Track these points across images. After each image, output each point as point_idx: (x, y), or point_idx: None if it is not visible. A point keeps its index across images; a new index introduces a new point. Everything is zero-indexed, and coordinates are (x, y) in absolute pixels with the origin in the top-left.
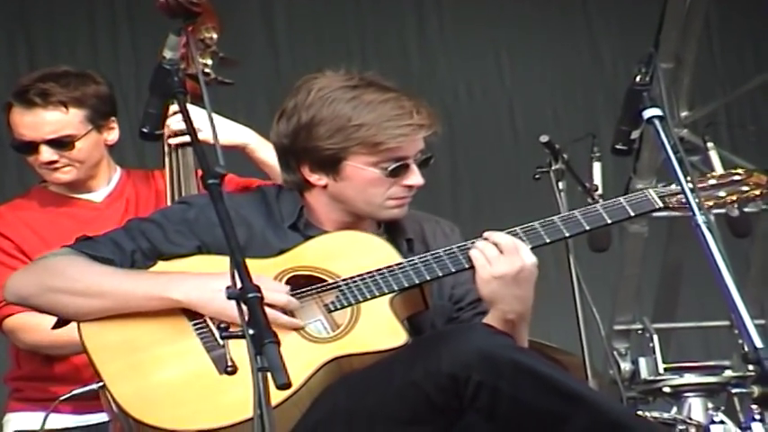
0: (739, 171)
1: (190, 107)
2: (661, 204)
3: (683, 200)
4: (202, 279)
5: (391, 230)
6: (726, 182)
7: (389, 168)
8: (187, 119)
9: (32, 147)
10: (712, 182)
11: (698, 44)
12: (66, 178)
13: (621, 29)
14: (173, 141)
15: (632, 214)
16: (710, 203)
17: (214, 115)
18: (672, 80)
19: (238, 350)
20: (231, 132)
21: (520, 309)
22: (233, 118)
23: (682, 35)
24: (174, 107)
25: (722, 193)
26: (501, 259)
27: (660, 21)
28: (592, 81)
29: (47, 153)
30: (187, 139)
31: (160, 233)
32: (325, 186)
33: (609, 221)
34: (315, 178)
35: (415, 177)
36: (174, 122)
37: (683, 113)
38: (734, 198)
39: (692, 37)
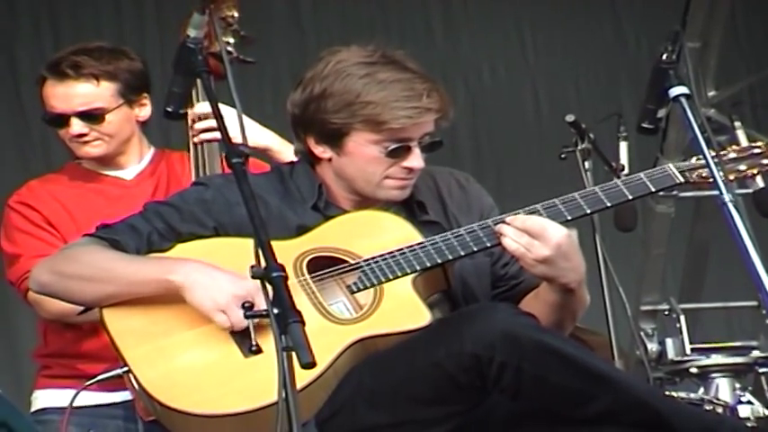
0: (759, 144)
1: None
2: (682, 179)
3: (704, 174)
4: (204, 268)
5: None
6: (746, 155)
7: (389, 148)
8: (212, 99)
9: (63, 119)
10: (732, 155)
11: (724, 23)
12: (96, 152)
13: (645, 7)
14: (198, 126)
15: (653, 189)
16: (731, 177)
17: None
18: (698, 60)
19: (263, 333)
20: (254, 135)
21: (576, 277)
22: (259, 95)
23: (708, 15)
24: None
25: (743, 167)
26: (535, 244)
27: (687, 1)
28: (615, 60)
29: (77, 126)
30: (211, 123)
31: (176, 214)
32: (329, 160)
33: (630, 197)
34: (319, 150)
35: (415, 160)
36: (199, 107)
37: (710, 93)
38: (754, 171)
39: (719, 16)
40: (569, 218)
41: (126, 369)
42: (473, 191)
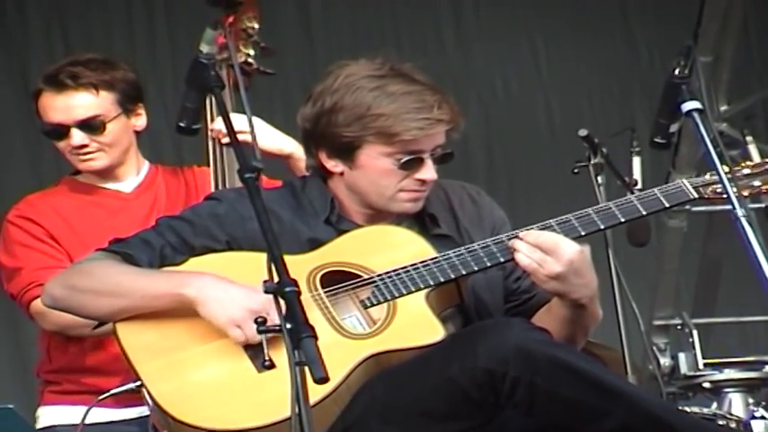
0: None
1: (233, 116)
2: (696, 195)
3: (719, 190)
4: (217, 282)
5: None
6: (760, 171)
7: (402, 160)
8: (225, 114)
9: (63, 131)
10: (746, 171)
11: (737, 38)
12: (98, 165)
13: (658, 21)
14: (225, 141)
15: (667, 205)
16: (745, 193)
17: (262, 121)
18: (710, 74)
19: (276, 348)
20: (278, 141)
21: (588, 293)
22: (269, 108)
23: (721, 29)
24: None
25: (757, 183)
26: (548, 260)
27: (699, 15)
28: (628, 73)
29: (78, 137)
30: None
31: (189, 228)
32: (341, 174)
33: (644, 213)
34: (331, 165)
35: (428, 171)
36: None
37: (722, 107)
38: None
39: (731, 31)
40: (583, 233)
41: (139, 383)
42: (485, 205)
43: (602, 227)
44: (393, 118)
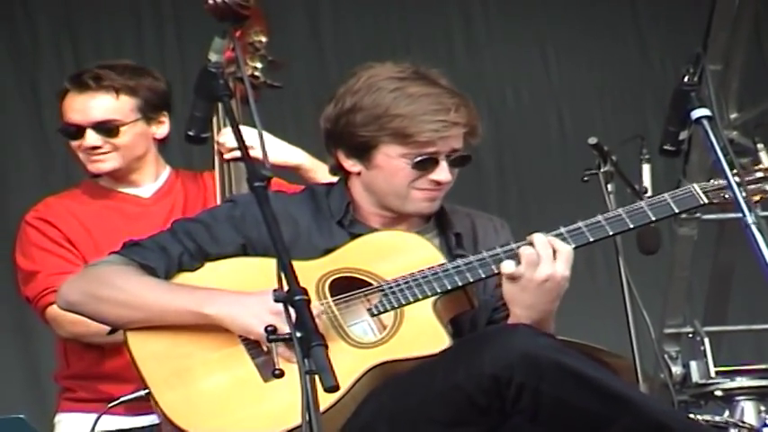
0: (763, 167)
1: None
2: (706, 200)
3: (729, 195)
4: (235, 296)
5: (441, 224)
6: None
7: (416, 160)
8: (233, 122)
9: (79, 131)
10: (759, 175)
11: (747, 46)
12: (107, 167)
13: (670, 29)
14: (228, 156)
15: (677, 210)
16: (756, 198)
17: (268, 134)
18: (720, 82)
19: (282, 356)
20: (286, 153)
21: (533, 316)
22: (280, 121)
23: (730, 37)
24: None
25: None
26: (549, 261)
27: (708, 23)
28: (640, 82)
29: (91, 138)
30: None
31: (206, 233)
32: (359, 174)
33: (653, 218)
34: (349, 164)
35: (442, 173)
36: (229, 140)
37: (733, 115)
38: (756, 199)
39: (741, 38)
40: (592, 239)
41: (147, 392)
42: (504, 236)
43: (611, 233)
44: (409, 119)
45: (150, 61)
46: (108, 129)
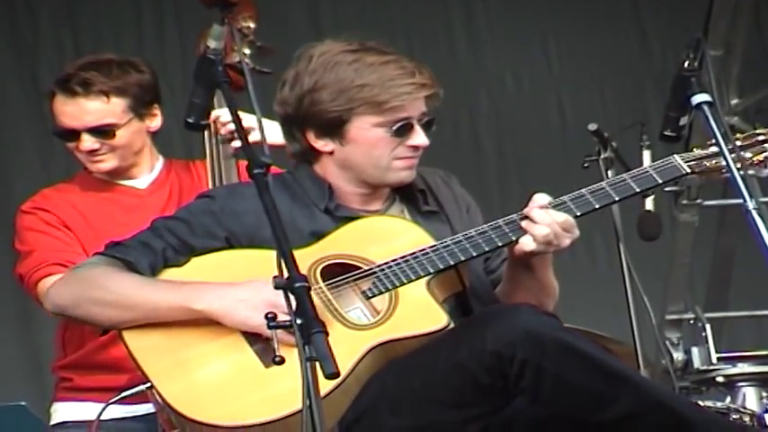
0: (764, 131)
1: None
2: (688, 170)
3: (712, 164)
4: (225, 289)
5: (402, 189)
6: (750, 142)
7: (394, 128)
8: (233, 110)
9: (74, 134)
10: (760, 138)
11: (747, 32)
12: (107, 167)
13: (670, 15)
14: (224, 131)
15: (660, 181)
16: (760, 158)
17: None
18: (721, 68)
19: (282, 343)
20: (277, 133)
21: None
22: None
23: (731, 23)
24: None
25: (748, 154)
26: (562, 234)
27: (709, 8)
28: (640, 69)
29: (88, 141)
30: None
31: (186, 228)
32: (331, 153)
33: (638, 190)
34: (321, 144)
35: (419, 137)
36: (224, 115)
37: (733, 101)
38: (760, 158)
39: (742, 24)
40: (579, 214)
41: (149, 385)
42: (456, 187)
43: (596, 206)
44: (379, 87)
45: (151, 52)
46: (103, 132)
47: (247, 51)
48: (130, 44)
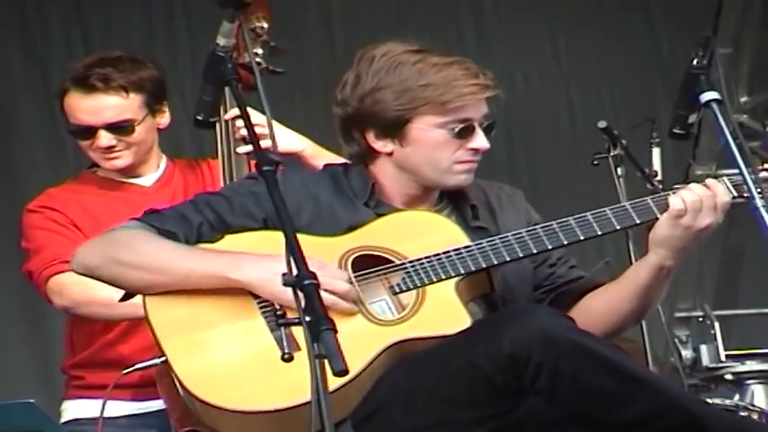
0: None
1: (251, 111)
2: (735, 194)
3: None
4: (264, 261)
5: (454, 199)
6: None
7: (456, 129)
8: (242, 107)
9: (90, 131)
10: (762, 174)
11: (757, 30)
12: (122, 164)
13: (679, 13)
14: (241, 150)
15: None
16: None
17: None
18: (730, 65)
19: (300, 333)
20: (287, 139)
21: (680, 260)
22: (290, 104)
23: (740, 21)
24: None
25: None
26: (707, 208)
27: (718, 6)
28: (650, 66)
29: (105, 138)
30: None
31: (227, 205)
32: (390, 153)
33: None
34: (380, 145)
35: (480, 140)
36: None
37: (743, 99)
38: None
39: (752, 22)
40: (600, 233)
41: (163, 359)
42: (521, 202)
43: (618, 227)
44: (443, 87)
45: (161, 49)
46: (122, 128)
47: (260, 51)
48: (140, 40)
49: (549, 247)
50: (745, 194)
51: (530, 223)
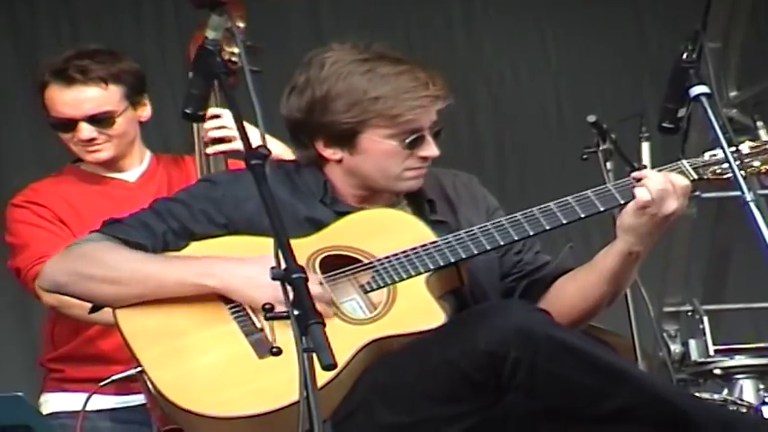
0: None
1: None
2: (695, 176)
3: (719, 171)
4: (235, 264)
5: (410, 194)
6: (759, 151)
7: (407, 140)
8: (231, 100)
9: (71, 124)
10: (745, 151)
11: (746, 24)
12: (104, 156)
13: (668, 7)
14: (209, 151)
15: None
16: (743, 173)
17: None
18: (719, 60)
19: (279, 334)
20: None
21: (649, 247)
22: (277, 101)
23: (730, 15)
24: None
25: (756, 163)
26: (671, 196)
27: (708, 1)
28: (638, 60)
29: (86, 130)
30: (223, 147)
31: (188, 213)
32: (339, 160)
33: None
34: (329, 153)
35: (430, 149)
36: (212, 131)
37: (732, 93)
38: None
39: (741, 16)
40: (565, 222)
41: (140, 369)
42: (478, 190)
43: (601, 209)
44: (393, 99)
45: (150, 42)
46: (103, 120)
47: (236, 50)
48: (130, 33)
49: (516, 238)
50: (706, 177)
51: (488, 210)
